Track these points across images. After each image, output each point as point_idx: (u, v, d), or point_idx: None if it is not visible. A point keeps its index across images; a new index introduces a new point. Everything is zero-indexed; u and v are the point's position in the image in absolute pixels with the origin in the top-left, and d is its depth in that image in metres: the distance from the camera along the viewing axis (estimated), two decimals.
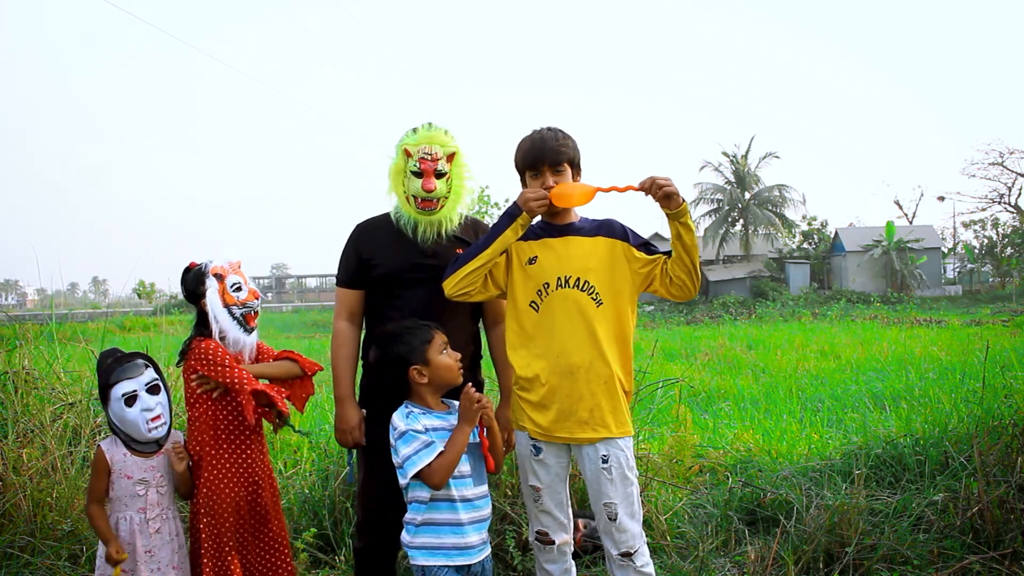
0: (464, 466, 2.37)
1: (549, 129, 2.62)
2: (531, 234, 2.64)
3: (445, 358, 2.42)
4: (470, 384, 2.36)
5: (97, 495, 2.45)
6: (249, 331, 2.66)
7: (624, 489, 2.50)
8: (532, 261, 2.61)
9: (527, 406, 2.60)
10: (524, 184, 2.64)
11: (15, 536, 3.26)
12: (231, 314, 2.61)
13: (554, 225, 2.64)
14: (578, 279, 2.56)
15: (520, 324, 2.61)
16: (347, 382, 2.72)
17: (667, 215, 2.47)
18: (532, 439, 2.60)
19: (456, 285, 2.56)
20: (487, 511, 2.42)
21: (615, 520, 2.50)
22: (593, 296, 2.54)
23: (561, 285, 2.56)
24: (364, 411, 2.72)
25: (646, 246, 2.61)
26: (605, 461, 2.50)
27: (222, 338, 2.60)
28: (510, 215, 2.56)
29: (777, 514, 3.59)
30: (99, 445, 2.46)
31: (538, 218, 2.65)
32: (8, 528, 3.30)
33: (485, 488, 2.42)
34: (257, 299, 2.69)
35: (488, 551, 2.40)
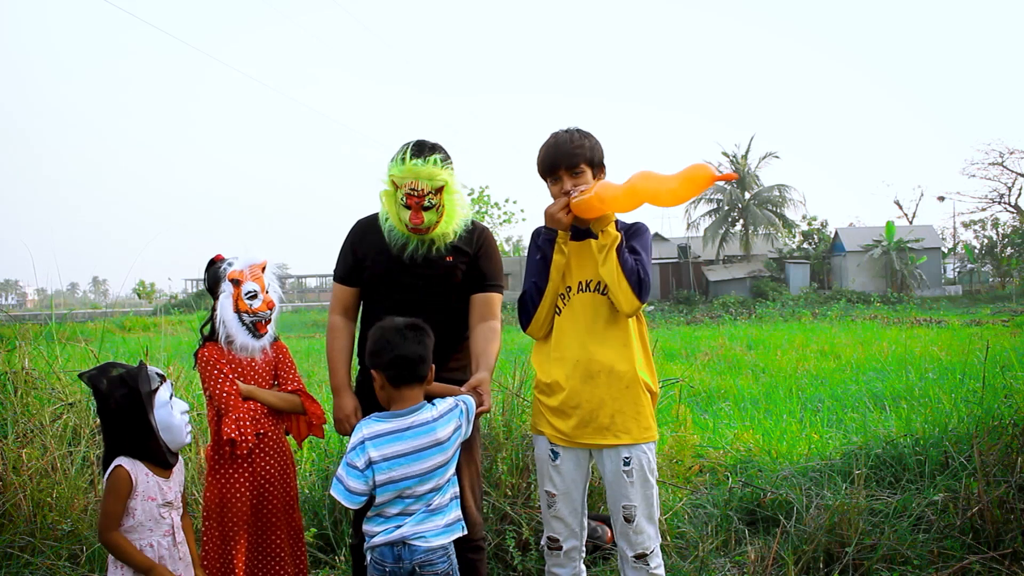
0: None
1: (566, 131, 2.58)
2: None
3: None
4: None
5: (117, 521, 2.24)
6: (258, 337, 2.63)
7: (644, 492, 2.49)
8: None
9: (546, 411, 2.58)
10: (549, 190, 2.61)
11: (15, 536, 3.26)
12: (241, 320, 2.59)
13: (577, 229, 2.59)
14: (599, 283, 2.53)
15: None
16: (342, 372, 2.70)
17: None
18: (551, 444, 2.57)
19: (541, 327, 2.59)
20: None
21: (632, 522, 2.48)
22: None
23: (582, 289, 2.55)
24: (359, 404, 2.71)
25: (638, 244, 2.55)
26: (627, 463, 2.48)
27: (229, 342, 2.59)
28: (549, 240, 2.54)
29: (777, 514, 3.60)
30: (119, 464, 2.25)
31: None
32: (8, 528, 3.29)
33: None
34: (271, 309, 2.65)
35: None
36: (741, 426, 5.63)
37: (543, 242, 2.55)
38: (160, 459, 2.33)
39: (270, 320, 2.66)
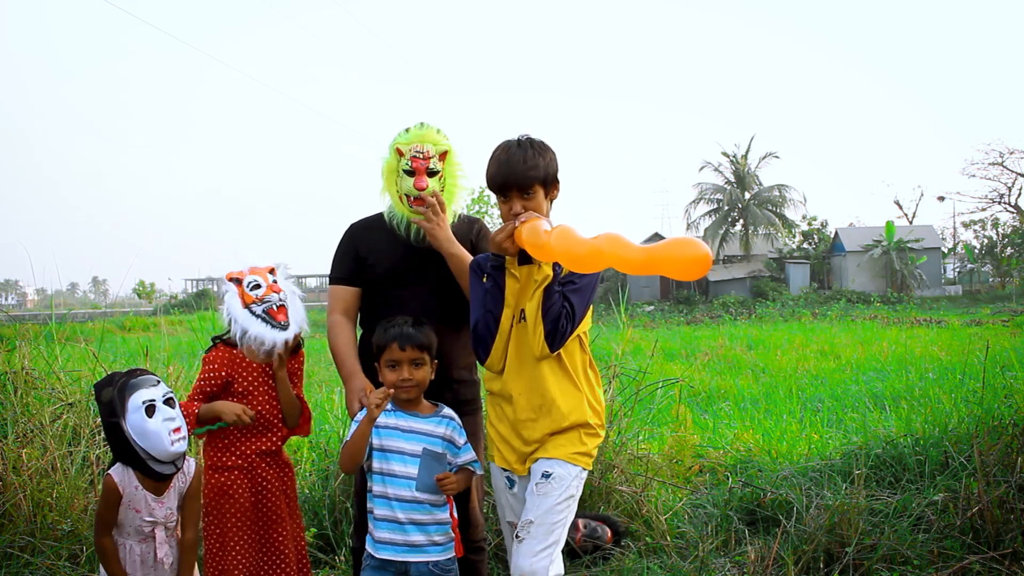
0: (411, 468, 2.40)
1: (519, 145, 2.42)
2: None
3: (386, 372, 2.44)
4: (383, 390, 2.36)
5: (108, 526, 2.28)
6: (279, 327, 2.55)
7: (549, 513, 2.26)
8: None
9: (496, 437, 2.50)
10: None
11: (15, 536, 3.26)
12: (252, 313, 2.55)
13: (524, 253, 2.40)
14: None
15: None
16: (350, 361, 2.65)
17: None
18: (504, 471, 2.47)
19: (500, 359, 2.41)
20: (437, 516, 2.42)
21: (520, 542, 2.25)
22: None
23: (521, 319, 2.40)
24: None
25: (575, 279, 2.37)
26: (546, 476, 2.30)
27: (243, 336, 2.53)
28: (497, 267, 2.40)
29: (777, 514, 3.60)
30: (108, 473, 2.28)
31: None
32: (8, 528, 3.29)
33: (433, 497, 2.41)
34: (278, 293, 2.59)
35: (440, 554, 2.40)
36: (741, 426, 5.63)
37: (491, 269, 2.41)
38: (145, 468, 2.28)
39: (283, 305, 2.59)
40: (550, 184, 2.45)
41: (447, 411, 2.52)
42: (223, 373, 2.57)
